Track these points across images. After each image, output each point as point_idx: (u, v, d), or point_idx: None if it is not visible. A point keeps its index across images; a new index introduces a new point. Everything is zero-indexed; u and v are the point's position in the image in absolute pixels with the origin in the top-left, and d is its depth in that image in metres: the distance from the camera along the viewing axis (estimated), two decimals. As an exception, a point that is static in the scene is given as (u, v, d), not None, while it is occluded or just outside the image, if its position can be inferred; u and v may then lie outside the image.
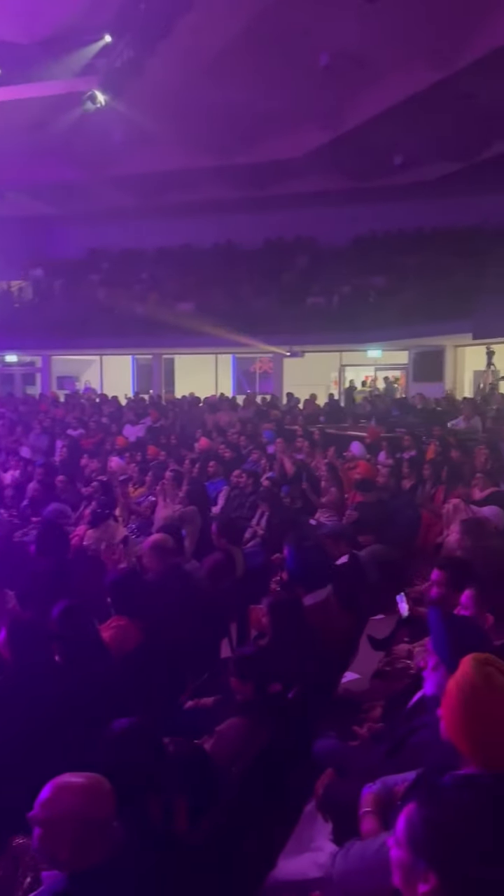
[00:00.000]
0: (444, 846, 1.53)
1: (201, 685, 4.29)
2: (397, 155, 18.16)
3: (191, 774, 2.54)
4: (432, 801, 1.67)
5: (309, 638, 3.61)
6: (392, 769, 2.34)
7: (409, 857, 1.55)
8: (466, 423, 12.55)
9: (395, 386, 21.34)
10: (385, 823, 2.07)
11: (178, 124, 17.24)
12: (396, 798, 2.10)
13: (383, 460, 9.96)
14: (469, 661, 2.04)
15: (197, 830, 2.36)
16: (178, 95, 15.62)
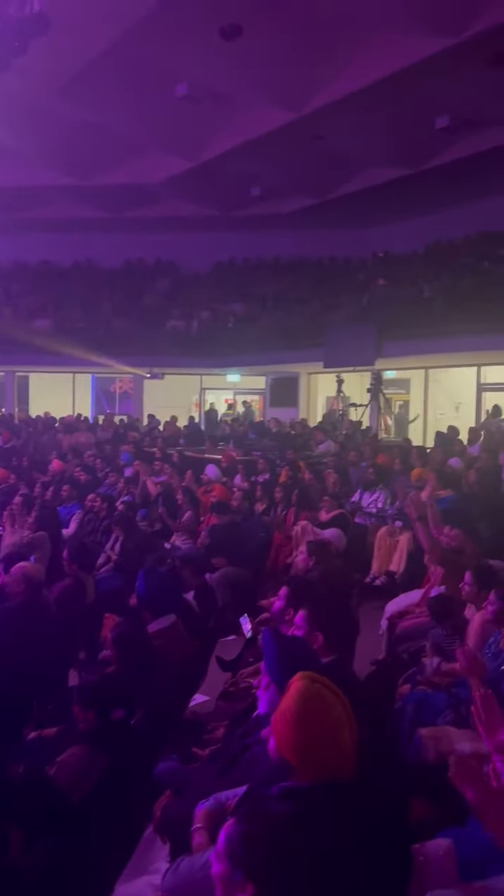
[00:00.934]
0: (258, 857, 1.63)
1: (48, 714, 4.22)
2: (255, 186, 18.81)
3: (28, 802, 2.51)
4: (251, 815, 1.78)
5: (153, 664, 3.66)
6: (226, 786, 2.44)
7: (228, 870, 1.64)
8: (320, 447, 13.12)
9: (254, 410, 21.90)
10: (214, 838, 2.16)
11: (36, 140, 16.96)
12: (227, 812, 2.20)
13: (239, 483, 10.20)
14: (298, 679, 2.18)
15: (31, 857, 2.34)
16: (36, 112, 15.38)
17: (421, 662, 4.26)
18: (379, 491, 8.89)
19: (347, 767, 2.11)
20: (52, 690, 4.48)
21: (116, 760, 3.06)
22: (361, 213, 19.88)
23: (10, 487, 9.46)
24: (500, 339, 14.06)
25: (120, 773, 3.04)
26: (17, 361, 20.43)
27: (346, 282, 19.97)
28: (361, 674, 4.11)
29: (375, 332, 16.25)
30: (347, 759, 2.09)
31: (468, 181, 17.11)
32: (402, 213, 19.49)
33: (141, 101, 14.81)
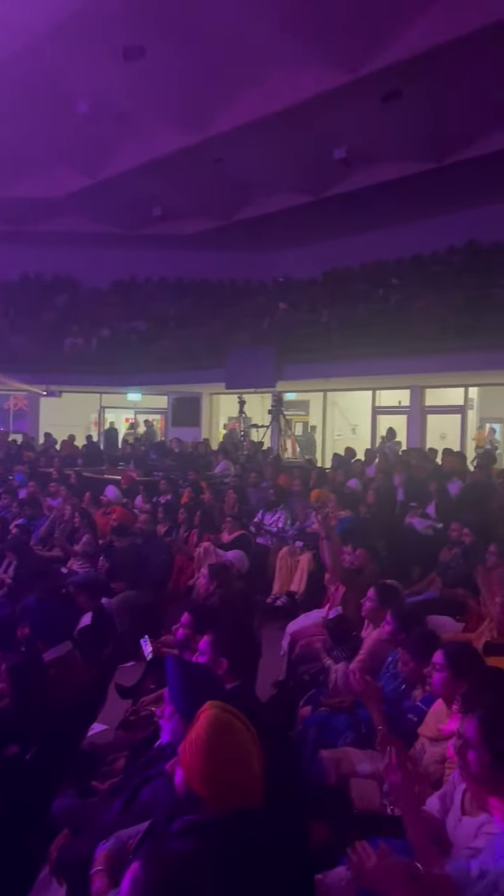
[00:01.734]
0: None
1: None
2: (157, 206, 18.81)
3: None
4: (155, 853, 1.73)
5: (49, 695, 3.52)
6: (127, 822, 2.37)
7: (134, 914, 1.58)
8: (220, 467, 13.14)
9: (156, 429, 21.72)
10: (116, 881, 2.08)
11: None
12: (129, 852, 2.13)
13: (140, 504, 10.05)
14: (208, 708, 2.15)
15: None
16: None
17: (321, 683, 4.31)
18: (280, 511, 8.98)
19: (256, 796, 2.09)
20: None
21: (10, 798, 2.92)
22: (263, 238, 20.26)
23: None
24: (393, 363, 14.64)
25: (14, 811, 2.89)
26: None
27: (248, 304, 20.24)
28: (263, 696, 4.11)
29: (276, 355, 16.53)
30: (256, 787, 2.08)
31: (364, 211, 17.78)
32: (302, 239, 20.00)
33: (43, 114, 14.57)
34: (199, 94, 13.65)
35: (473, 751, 2.23)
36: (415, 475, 10.35)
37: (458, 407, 16.12)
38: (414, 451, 12.99)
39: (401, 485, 9.91)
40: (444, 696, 2.95)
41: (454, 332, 13.97)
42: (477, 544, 6.23)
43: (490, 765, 2.18)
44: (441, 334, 14.11)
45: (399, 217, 17.91)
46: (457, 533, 6.48)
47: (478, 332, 13.61)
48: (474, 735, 2.24)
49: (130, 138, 15.53)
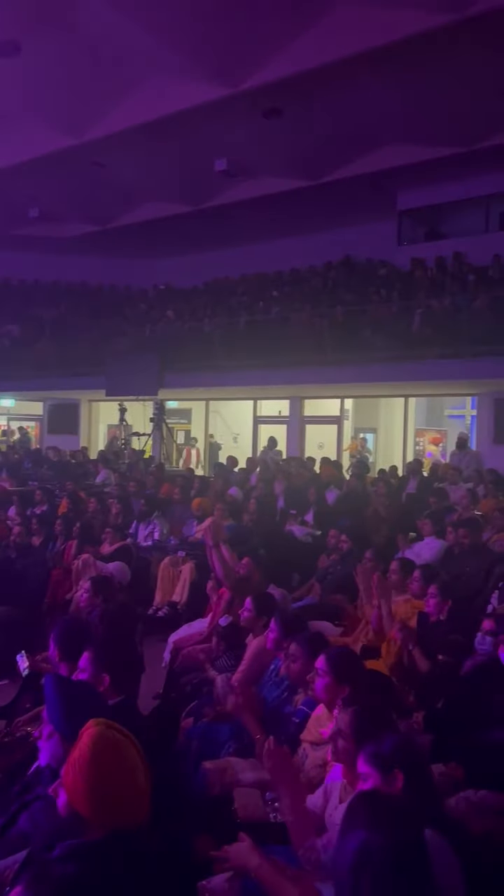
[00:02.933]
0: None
1: None
2: (33, 207, 18.25)
3: None
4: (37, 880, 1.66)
5: None
6: (4, 851, 2.25)
7: None
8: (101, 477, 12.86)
9: (30, 436, 20.95)
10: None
11: None
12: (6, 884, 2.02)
13: (13, 516, 9.65)
14: (91, 726, 2.09)
15: None
16: None
17: (204, 694, 4.29)
18: (155, 521, 8.89)
19: (142, 813, 2.05)
20: None
21: None
22: (144, 245, 20.13)
23: None
24: (273, 374, 14.92)
25: None
26: None
27: (129, 311, 20.02)
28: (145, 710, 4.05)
29: (158, 363, 16.43)
30: (142, 805, 2.04)
31: (245, 224, 18.08)
32: (185, 248, 20.06)
33: None
34: (77, 95, 13.38)
35: (345, 741, 2.44)
36: (294, 483, 10.57)
37: (334, 417, 16.64)
38: (293, 460, 13.27)
39: (281, 493, 10.09)
40: (326, 700, 3.02)
41: (331, 345, 14.43)
42: (353, 550, 6.44)
43: (353, 755, 2.35)
44: (319, 347, 14.53)
45: (279, 231, 18.35)
46: (335, 539, 6.66)
47: (353, 346, 14.13)
48: (346, 727, 2.45)
49: (5, 136, 14.97)
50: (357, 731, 2.38)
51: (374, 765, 2.13)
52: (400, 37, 10.98)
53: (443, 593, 4.36)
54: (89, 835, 2.01)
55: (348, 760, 2.38)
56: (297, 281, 18.36)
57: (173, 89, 12.98)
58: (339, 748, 2.44)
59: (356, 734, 2.37)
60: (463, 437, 13.44)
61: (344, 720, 2.48)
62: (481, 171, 14.98)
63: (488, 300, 13.12)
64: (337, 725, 2.49)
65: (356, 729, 2.39)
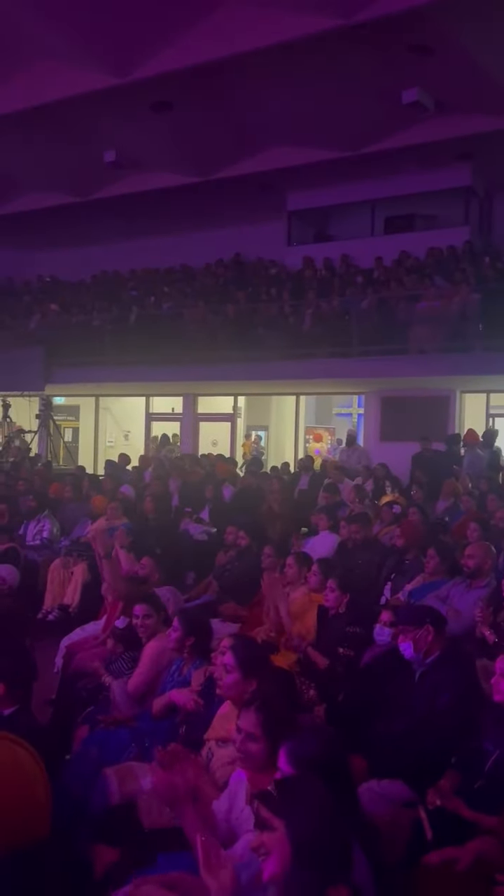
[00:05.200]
0: None
1: None
2: None
3: None
4: None
5: None
6: None
7: None
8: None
9: None
10: None
11: None
12: None
13: None
14: None
15: None
16: None
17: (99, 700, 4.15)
18: (44, 519, 8.59)
19: (42, 829, 1.93)
20: None
21: None
22: (27, 236, 19.37)
23: None
24: (165, 370, 14.77)
25: None
26: None
27: (11, 303, 19.23)
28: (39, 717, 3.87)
29: (43, 357, 15.88)
30: (43, 819, 1.92)
31: (135, 218, 17.76)
32: (70, 240, 19.46)
33: None
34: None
35: (256, 743, 2.37)
36: (189, 481, 10.50)
37: (228, 415, 16.67)
38: (188, 458, 13.18)
39: (176, 490, 9.99)
40: (234, 696, 2.98)
41: (225, 343, 14.44)
42: (251, 546, 6.44)
43: (271, 753, 2.30)
44: (212, 344, 14.51)
45: (169, 227, 18.16)
46: (233, 536, 6.65)
47: (246, 344, 14.20)
48: (255, 728, 2.38)
49: None
50: (267, 731, 2.34)
51: (297, 765, 2.09)
52: (290, 38, 11.09)
53: (342, 587, 4.42)
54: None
55: (259, 762, 2.33)
56: (188, 277, 18.25)
57: (61, 75, 12.53)
58: (250, 751, 2.37)
59: (268, 734, 2.33)
60: (351, 435, 13.80)
61: (250, 721, 2.42)
62: (367, 175, 15.40)
63: (375, 301, 13.54)
64: (243, 728, 2.42)
65: (266, 729, 2.34)
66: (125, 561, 5.90)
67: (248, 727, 2.40)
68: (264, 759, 2.32)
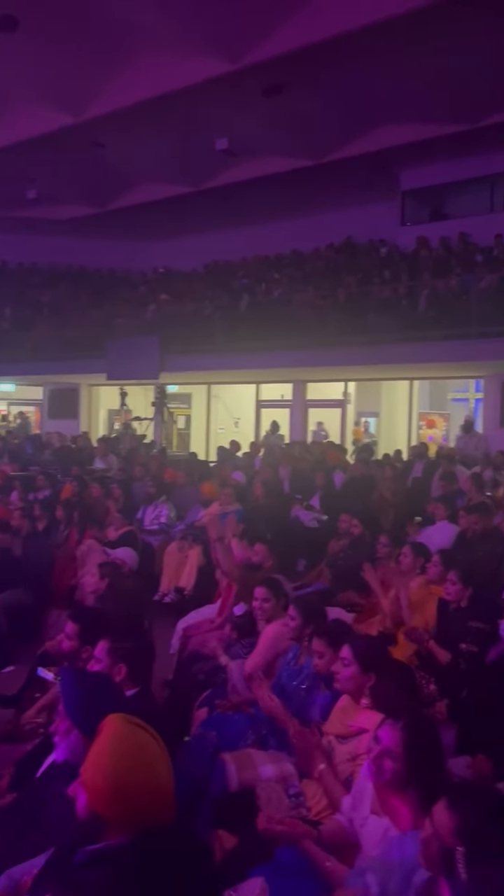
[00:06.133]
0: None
1: None
2: (31, 189, 17.96)
3: None
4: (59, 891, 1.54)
5: None
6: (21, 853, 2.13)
7: None
8: (102, 461, 12.72)
9: (30, 421, 20.80)
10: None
11: None
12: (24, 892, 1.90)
13: (15, 501, 9.52)
14: (110, 722, 1.96)
15: None
16: None
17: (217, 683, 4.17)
18: (161, 505, 8.77)
19: (167, 813, 1.93)
20: None
21: None
22: (142, 227, 19.85)
23: None
24: (275, 357, 14.74)
25: None
26: None
27: (128, 294, 19.78)
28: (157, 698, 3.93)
29: (159, 346, 16.24)
30: (167, 804, 1.92)
31: (245, 205, 17.80)
32: (184, 230, 19.78)
33: None
34: (77, 73, 13.09)
35: (391, 761, 2.16)
36: (299, 468, 10.44)
37: (337, 401, 16.47)
38: (297, 445, 13.13)
39: (286, 477, 9.96)
40: (352, 691, 2.90)
41: (335, 328, 14.24)
42: (365, 535, 6.32)
43: (405, 777, 2.13)
44: (322, 330, 14.35)
45: (280, 212, 18.09)
46: (346, 524, 6.54)
47: (357, 329, 13.94)
48: (396, 746, 2.17)
49: (4, 115, 14.68)
50: (411, 752, 2.11)
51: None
52: (403, 11, 10.73)
53: (464, 579, 4.24)
54: (111, 837, 1.89)
55: (392, 783, 2.15)
56: (298, 263, 18.12)
57: (174, 65, 12.69)
58: (384, 767, 2.15)
59: (410, 758, 2.10)
60: (469, 421, 13.29)
61: (394, 739, 2.16)
62: (485, 149, 14.73)
63: (495, 280, 12.93)
64: (383, 743, 2.19)
65: (410, 751, 2.11)
66: (237, 548, 5.92)
67: (390, 744, 2.17)
68: (397, 780, 2.14)
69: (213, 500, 8.34)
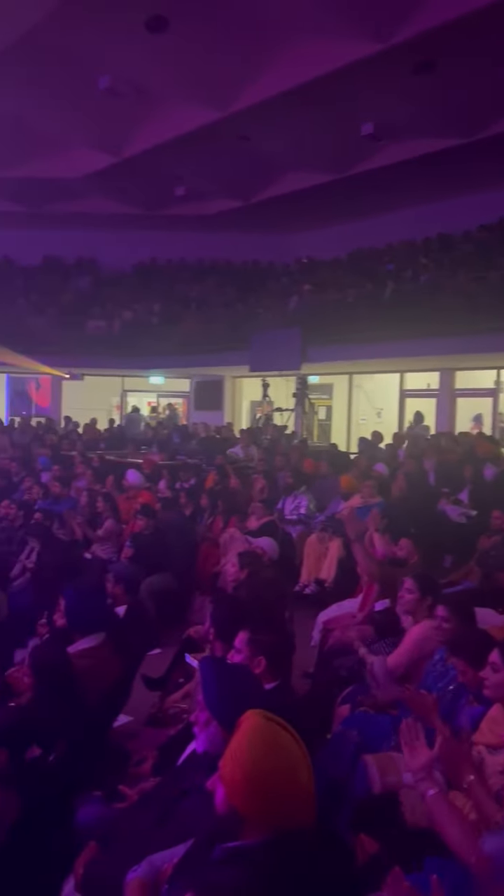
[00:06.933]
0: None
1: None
2: (179, 186, 18.48)
3: None
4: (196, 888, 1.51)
5: (75, 691, 3.30)
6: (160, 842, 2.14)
7: None
8: (244, 451, 12.89)
9: (178, 413, 21.54)
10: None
11: None
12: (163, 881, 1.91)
13: (163, 490, 9.85)
14: (254, 719, 1.92)
15: None
16: None
17: (359, 679, 4.06)
18: (301, 495, 8.73)
19: (307, 814, 1.86)
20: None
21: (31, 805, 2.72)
22: (285, 218, 19.85)
23: None
24: (421, 345, 14.25)
25: (35, 819, 2.69)
26: None
27: (271, 286, 19.91)
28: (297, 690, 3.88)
29: (300, 337, 16.20)
30: (307, 806, 1.85)
31: (390, 189, 17.32)
32: (327, 218, 19.57)
33: (62, 92, 14.22)
34: (223, 66, 13.23)
35: None
36: (446, 460, 10.03)
37: (489, 390, 15.70)
38: (443, 436, 12.63)
39: (432, 469, 9.60)
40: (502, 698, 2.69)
41: (486, 313, 13.55)
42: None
43: None
44: (472, 315, 13.70)
45: (427, 195, 17.45)
46: (500, 520, 6.18)
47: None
48: None
49: (153, 114, 15.16)
50: None
51: None
52: None
53: None
54: (250, 835, 1.85)
55: None
56: (447, 247, 17.39)
57: (320, 51, 12.50)
58: None
59: None
60: None
61: None
62: None
63: None
64: None
65: None
66: (380, 543, 5.76)
67: None
68: None
69: (353, 493, 8.19)
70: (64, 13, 11.51)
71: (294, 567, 7.56)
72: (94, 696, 3.53)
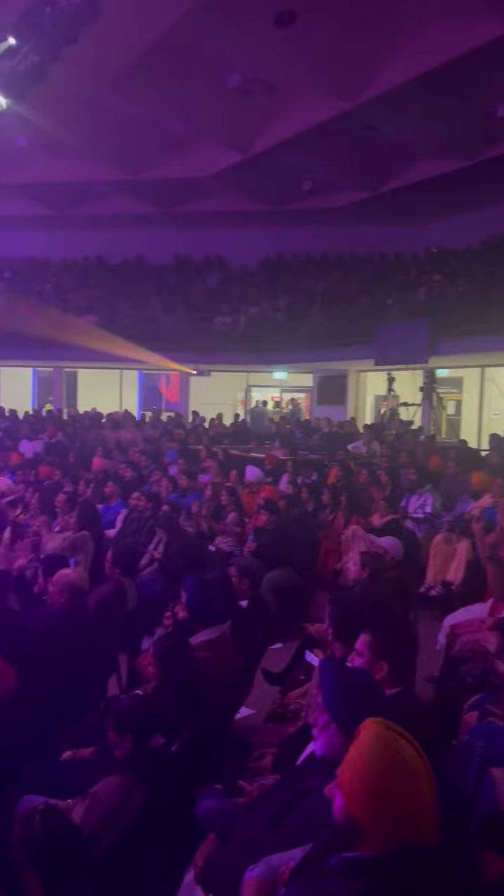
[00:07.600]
0: None
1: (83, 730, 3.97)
2: (306, 180, 18.43)
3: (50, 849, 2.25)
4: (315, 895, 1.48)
5: (198, 682, 3.37)
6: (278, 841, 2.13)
7: None
8: (366, 447, 12.70)
9: (301, 408, 21.55)
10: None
11: (86, 135, 16.86)
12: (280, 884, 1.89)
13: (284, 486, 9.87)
14: (374, 728, 1.86)
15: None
16: (84, 105, 15.25)
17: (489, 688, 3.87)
18: (426, 493, 8.47)
19: (430, 829, 1.78)
20: (90, 703, 4.24)
21: (154, 793, 2.79)
22: (413, 208, 19.33)
23: (55, 484, 9.31)
24: None
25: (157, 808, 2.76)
26: (66, 356, 20.39)
27: (398, 278, 19.47)
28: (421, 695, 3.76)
29: (429, 330, 15.73)
30: (429, 818, 1.77)
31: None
32: (457, 206, 18.87)
33: (191, 93, 14.55)
34: (351, 57, 13.04)
35: None
36: None
37: None
38: None
39: None
40: None
41: None
42: None
43: None
44: None
45: None
46: None
47: None
48: None
49: (281, 110, 15.20)
50: None
51: None
52: None
53: None
54: (369, 847, 1.80)
55: None
56: None
57: (449, 34, 12.06)
58: None
59: None
60: None
61: None
62: None
63: None
64: None
65: None
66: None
67: None
68: None
69: (484, 492, 7.86)
70: (194, 16, 11.74)
71: (419, 567, 7.36)
72: (214, 688, 3.58)
